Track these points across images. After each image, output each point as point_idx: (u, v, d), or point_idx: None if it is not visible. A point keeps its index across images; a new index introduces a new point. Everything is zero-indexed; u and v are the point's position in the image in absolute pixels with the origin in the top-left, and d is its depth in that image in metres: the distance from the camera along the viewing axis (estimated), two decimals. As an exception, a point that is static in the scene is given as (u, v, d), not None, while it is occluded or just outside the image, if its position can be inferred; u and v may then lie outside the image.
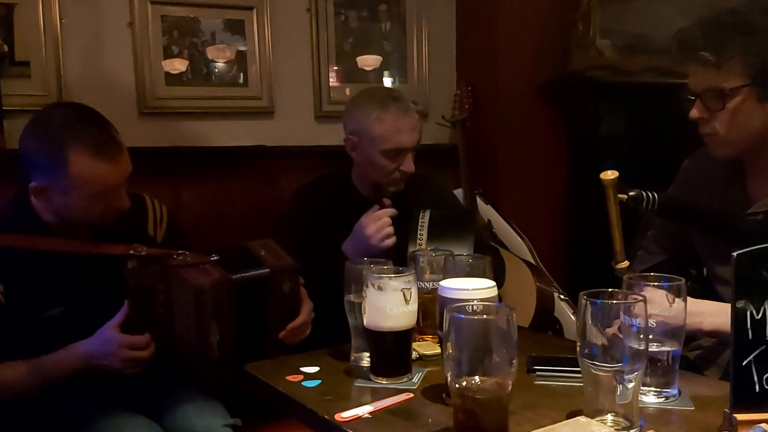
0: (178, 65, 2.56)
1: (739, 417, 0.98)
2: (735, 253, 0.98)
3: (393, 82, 3.03)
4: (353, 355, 1.38)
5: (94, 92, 2.35)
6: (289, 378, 1.31)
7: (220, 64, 2.64)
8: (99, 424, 1.53)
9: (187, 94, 2.58)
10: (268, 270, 1.63)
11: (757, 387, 0.99)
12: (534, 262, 2.73)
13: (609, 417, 1.02)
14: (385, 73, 3.01)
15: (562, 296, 2.63)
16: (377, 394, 1.22)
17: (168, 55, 2.54)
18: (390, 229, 1.84)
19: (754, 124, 1.41)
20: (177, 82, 2.56)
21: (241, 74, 2.67)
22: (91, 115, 1.60)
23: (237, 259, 1.63)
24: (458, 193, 2.74)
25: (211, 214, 2.37)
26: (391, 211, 1.88)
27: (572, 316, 2.57)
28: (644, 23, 3.09)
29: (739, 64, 1.37)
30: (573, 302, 2.62)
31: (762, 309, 0.98)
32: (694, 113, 1.44)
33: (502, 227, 2.82)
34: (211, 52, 2.61)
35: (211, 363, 1.56)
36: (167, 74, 2.54)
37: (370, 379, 1.28)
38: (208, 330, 1.53)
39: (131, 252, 1.59)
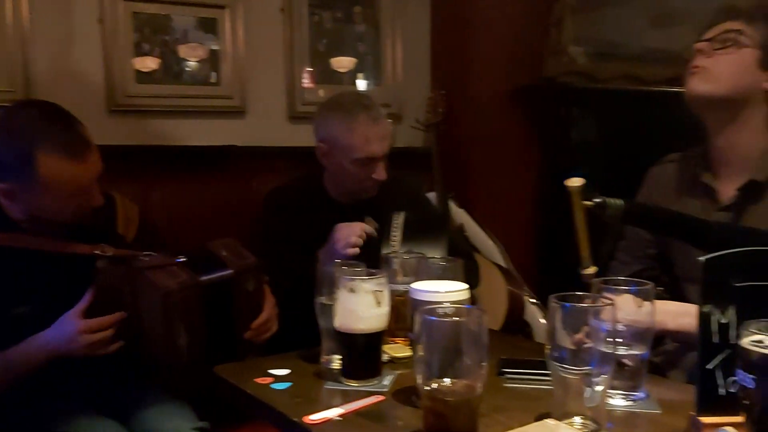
0: (149, 63, 2.53)
1: (705, 420, 0.99)
2: (704, 258, 1.00)
3: (367, 85, 3.02)
4: (324, 358, 1.37)
5: (62, 89, 2.31)
6: (258, 380, 1.30)
7: (192, 63, 2.61)
8: (65, 426, 1.50)
9: (158, 92, 2.54)
10: (231, 271, 1.61)
11: (722, 390, 1.00)
12: (506, 266, 2.75)
13: (577, 419, 1.03)
14: (359, 75, 3.00)
15: (532, 300, 2.65)
16: (347, 397, 1.21)
17: (139, 52, 2.51)
18: (355, 239, 1.81)
19: (742, 80, 1.46)
20: (148, 80, 2.53)
21: (214, 73, 2.65)
22: (57, 114, 1.57)
23: (200, 261, 1.61)
24: (431, 196, 2.74)
25: (181, 215, 2.34)
26: (366, 227, 1.84)
27: (542, 320, 2.59)
28: (616, 31, 3.13)
29: (760, 30, 1.46)
30: (544, 306, 2.64)
31: (728, 313, 0.99)
32: (701, 44, 1.49)
33: (475, 231, 2.83)
34: (183, 51, 2.59)
35: (180, 366, 1.54)
36: (138, 72, 2.51)
37: (341, 382, 1.28)
38: (176, 333, 1.52)
39: (97, 252, 1.57)
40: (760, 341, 0.88)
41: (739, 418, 0.93)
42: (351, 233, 1.81)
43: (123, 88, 2.47)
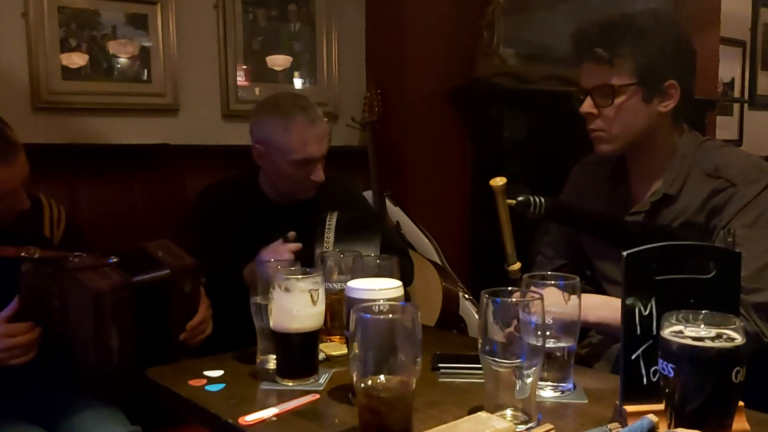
0: (76, 59, 2.45)
1: (629, 409, 1.03)
2: (625, 253, 1.04)
3: (303, 83, 3.01)
4: (259, 358, 1.36)
5: (-18, 85, 2.22)
6: (192, 382, 1.28)
7: (122, 59, 2.55)
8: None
9: (86, 89, 2.47)
10: (168, 271, 1.59)
11: (644, 380, 1.05)
12: (440, 263, 2.78)
13: (508, 412, 1.05)
14: (295, 73, 2.99)
15: (466, 296, 2.69)
16: (283, 397, 1.20)
17: (65, 48, 2.43)
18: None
19: (638, 122, 1.49)
20: (75, 76, 2.45)
21: (145, 70, 2.59)
22: None
23: (134, 262, 1.57)
24: (368, 195, 2.75)
25: (111, 216, 2.28)
26: (294, 246, 1.80)
27: (476, 315, 2.64)
28: (544, 33, 3.22)
29: (629, 63, 1.46)
30: (477, 301, 2.69)
31: (649, 306, 1.03)
32: (585, 107, 1.52)
33: (410, 229, 2.86)
34: (112, 47, 2.52)
35: (111, 369, 1.50)
36: (65, 68, 2.43)
37: (276, 382, 1.27)
38: (107, 335, 1.48)
39: (23, 254, 1.51)
40: (679, 332, 0.93)
41: (660, 406, 0.97)
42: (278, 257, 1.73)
43: (48, 84, 2.39)
